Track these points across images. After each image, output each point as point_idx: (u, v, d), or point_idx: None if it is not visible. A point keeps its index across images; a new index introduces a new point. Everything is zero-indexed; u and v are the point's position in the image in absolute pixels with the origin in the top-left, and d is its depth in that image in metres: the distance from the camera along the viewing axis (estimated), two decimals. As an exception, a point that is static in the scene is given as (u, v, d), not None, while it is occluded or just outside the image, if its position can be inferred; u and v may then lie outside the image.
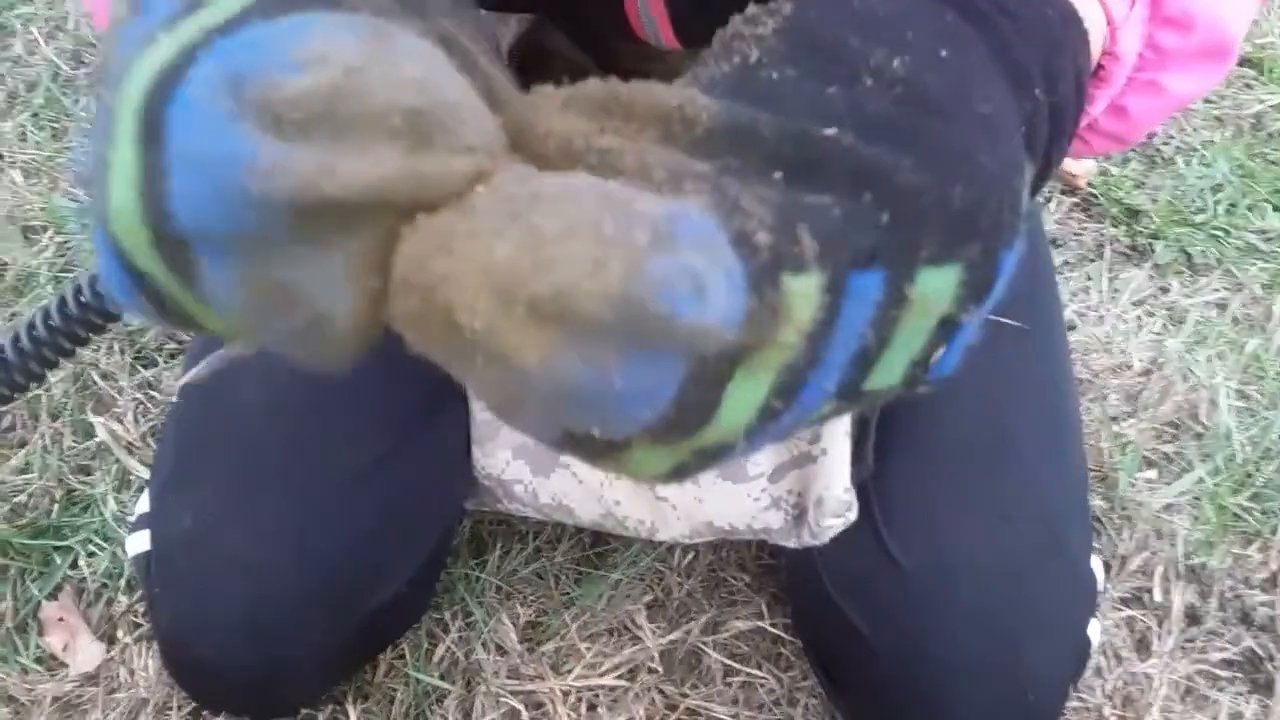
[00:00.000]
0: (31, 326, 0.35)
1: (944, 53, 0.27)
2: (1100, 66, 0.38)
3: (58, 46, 1.16)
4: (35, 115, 1.09)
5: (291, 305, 0.24)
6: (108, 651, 0.74)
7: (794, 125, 0.24)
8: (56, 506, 0.80)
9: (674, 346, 0.22)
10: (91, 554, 0.78)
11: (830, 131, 0.24)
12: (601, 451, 0.25)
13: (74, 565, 0.78)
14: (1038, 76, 0.29)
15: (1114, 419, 0.89)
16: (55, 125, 1.09)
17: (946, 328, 0.26)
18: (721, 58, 0.27)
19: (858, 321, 0.25)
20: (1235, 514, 0.84)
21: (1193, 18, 0.38)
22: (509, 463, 0.65)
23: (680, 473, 0.26)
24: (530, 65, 0.57)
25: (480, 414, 0.64)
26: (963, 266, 0.25)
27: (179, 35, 0.23)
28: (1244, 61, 1.18)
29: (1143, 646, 0.77)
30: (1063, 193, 1.07)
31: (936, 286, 0.25)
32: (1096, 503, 0.83)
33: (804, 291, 0.24)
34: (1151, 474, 0.87)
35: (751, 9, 0.28)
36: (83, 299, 0.34)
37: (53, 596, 0.76)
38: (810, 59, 0.26)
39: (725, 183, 0.24)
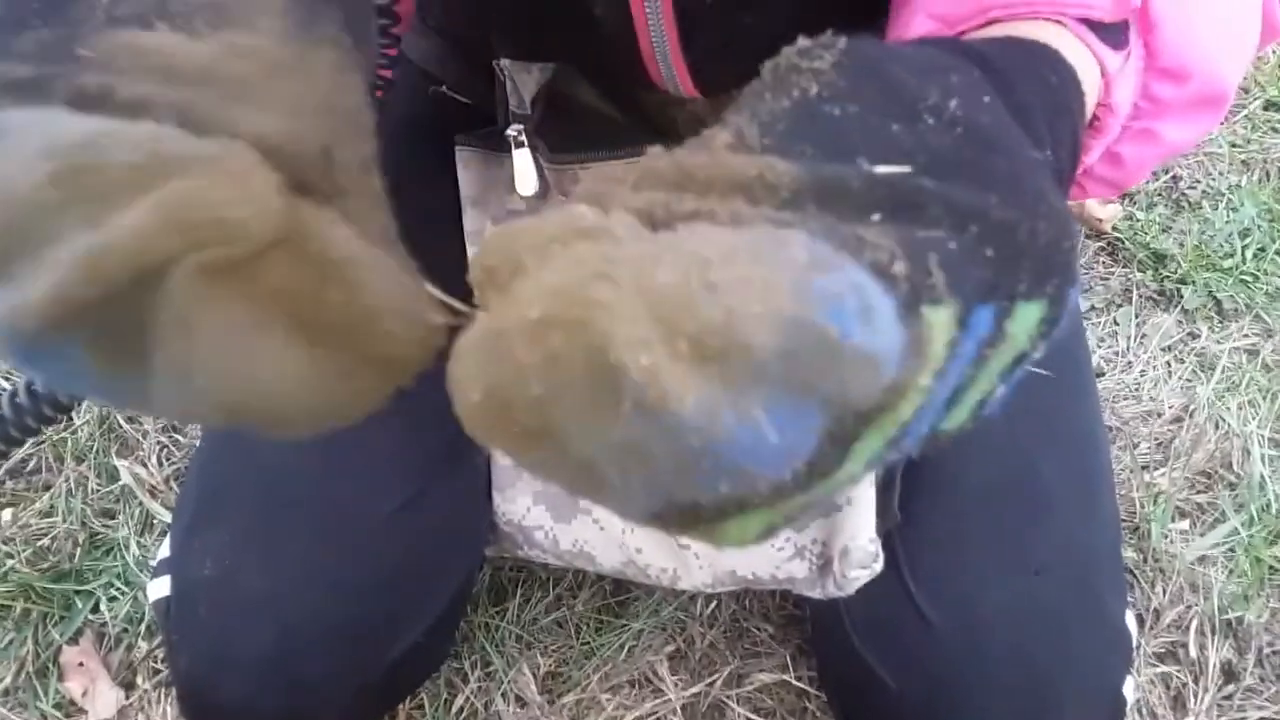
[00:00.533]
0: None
1: (986, 99, 0.27)
2: (1095, 117, 0.37)
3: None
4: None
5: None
6: (126, 698, 0.73)
7: (882, 175, 0.24)
8: (79, 550, 0.80)
9: (831, 384, 0.21)
10: (113, 598, 0.78)
11: (920, 175, 0.24)
12: (698, 523, 0.23)
13: (95, 609, 0.77)
14: (1046, 138, 0.29)
15: (1145, 468, 0.88)
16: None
17: (1016, 365, 0.26)
18: (779, 91, 0.26)
19: (965, 359, 0.24)
20: (1271, 566, 0.82)
21: (1189, 69, 0.38)
22: (530, 509, 0.64)
23: (767, 535, 0.25)
24: (554, 113, 0.57)
25: (502, 460, 0.63)
26: (1047, 302, 0.25)
27: None
28: (1270, 105, 1.17)
29: (1179, 704, 0.75)
30: (1088, 237, 1.06)
31: (1025, 323, 0.25)
32: (1128, 554, 0.82)
33: (941, 323, 0.23)
34: (1184, 525, 0.85)
35: (803, 43, 0.27)
36: (34, 389, 0.35)
37: (73, 641, 0.76)
38: (871, 95, 0.26)
39: (838, 225, 0.22)
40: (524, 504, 0.64)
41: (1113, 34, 0.36)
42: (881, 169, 0.24)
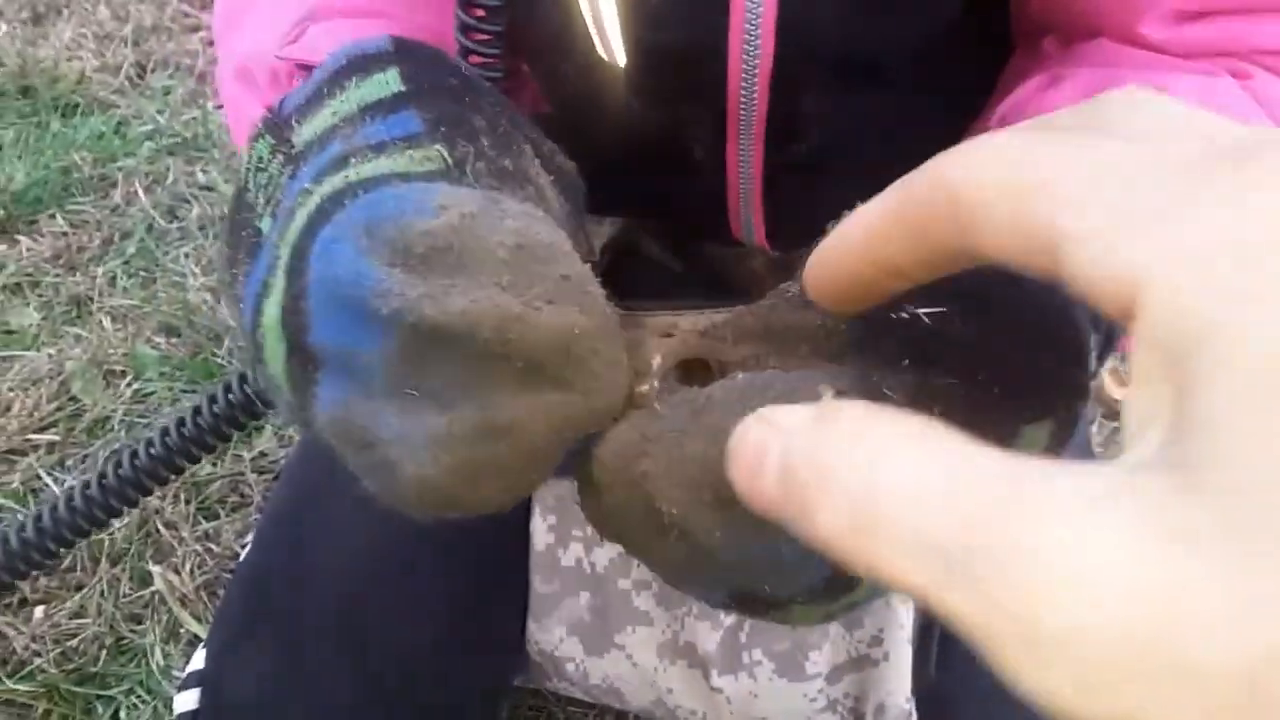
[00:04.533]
0: (181, 422, 0.39)
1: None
2: None
3: (154, 199, 1.21)
4: (127, 263, 1.14)
5: (367, 446, 0.28)
6: (139, 808, 0.73)
7: (914, 332, 0.30)
8: (104, 653, 0.80)
9: None
10: (133, 706, 0.78)
11: (950, 322, 0.30)
12: (764, 610, 0.31)
13: (115, 716, 0.77)
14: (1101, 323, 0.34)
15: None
16: (145, 274, 1.13)
17: None
18: None
19: None
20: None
21: None
22: (563, 639, 0.65)
23: (829, 618, 0.32)
24: (621, 263, 0.61)
25: (540, 588, 0.64)
26: (1053, 421, 0.31)
27: (326, 186, 0.29)
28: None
29: None
30: (1104, 417, 1.08)
31: (1032, 440, 0.30)
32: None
33: None
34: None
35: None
36: (231, 397, 0.38)
37: (92, 747, 0.75)
38: None
39: (868, 372, 0.30)
40: (558, 634, 0.65)
41: None
42: (923, 310, 0.30)
